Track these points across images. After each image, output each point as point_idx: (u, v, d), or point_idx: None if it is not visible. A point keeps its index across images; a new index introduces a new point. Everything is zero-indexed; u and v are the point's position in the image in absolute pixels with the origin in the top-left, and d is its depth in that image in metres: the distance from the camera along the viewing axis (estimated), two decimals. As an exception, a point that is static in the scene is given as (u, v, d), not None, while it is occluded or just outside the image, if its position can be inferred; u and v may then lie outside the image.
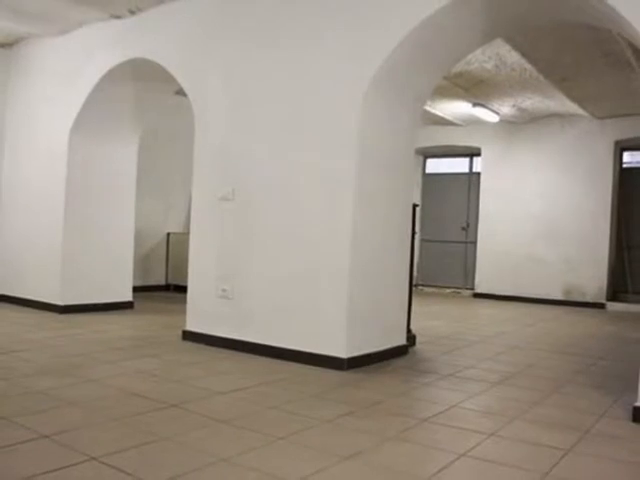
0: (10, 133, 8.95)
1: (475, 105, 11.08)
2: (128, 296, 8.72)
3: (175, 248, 11.33)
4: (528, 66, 8.58)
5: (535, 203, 12.28)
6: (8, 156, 8.95)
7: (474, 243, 13.31)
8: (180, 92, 7.16)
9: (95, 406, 4.09)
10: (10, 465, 3.02)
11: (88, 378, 4.82)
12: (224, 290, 6.28)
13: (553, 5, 5.08)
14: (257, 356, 5.85)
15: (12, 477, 2.86)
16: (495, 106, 11.24)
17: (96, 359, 5.52)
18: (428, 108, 11.36)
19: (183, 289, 7.05)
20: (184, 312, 6.68)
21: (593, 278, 11.63)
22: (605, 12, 4.56)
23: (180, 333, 6.66)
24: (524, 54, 8.05)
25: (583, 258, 11.70)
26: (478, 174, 13.44)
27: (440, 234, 14.12)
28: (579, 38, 7.29)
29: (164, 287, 11.48)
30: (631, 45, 6.80)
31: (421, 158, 14.38)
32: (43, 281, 8.25)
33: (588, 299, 11.62)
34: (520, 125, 12.53)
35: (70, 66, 8.09)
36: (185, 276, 6.83)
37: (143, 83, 7.87)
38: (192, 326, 6.56)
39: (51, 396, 4.28)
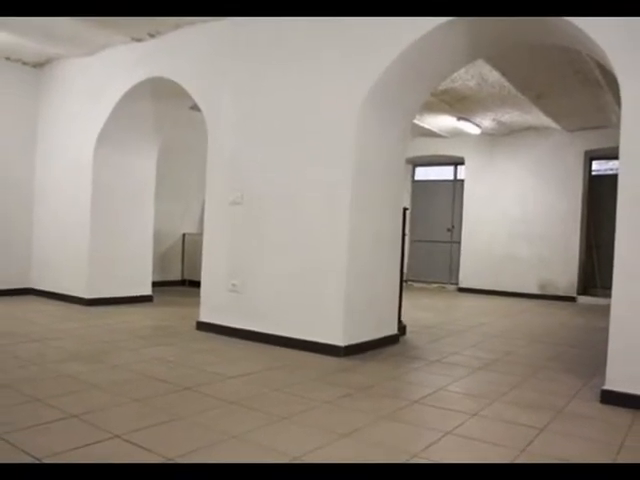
0: (41, 144, 8.95)
1: (459, 119, 11.08)
2: (148, 290, 8.72)
3: (190, 247, 11.32)
4: (507, 84, 8.58)
5: (513, 207, 12.29)
6: (40, 165, 8.95)
7: (458, 243, 13.31)
8: (195, 107, 7.17)
9: (118, 389, 4.10)
10: (43, 441, 3.03)
11: (112, 364, 4.83)
12: (234, 285, 6.28)
13: (528, 29, 5.08)
14: (263, 344, 5.86)
15: (44, 452, 2.87)
16: (477, 120, 11.24)
17: (119, 347, 5.53)
18: (417, 122, 11.37)
19: (197, 284, 7.07)
20: (198, 305, 6.68)
21: (565, 274, 11.64)
22: (575, 35, 4.57)
23: (194, 324, 6.67)
24: (503, 73, 8.05)
25: (556, 256, 11.70)
26: (462, 181, 13.43)
27: (428, 235, 14.11)
28: (552, 59, 7.29)
29: (180, 282, 11.48)
30: (599, 65, 6.81)
31: (411, 166, 14.37)
32: (71, 276, 8.26)
33: (560, 293, 11.62)
34: (500, 137, 12.53)
35: (95, 84, 8.09)
36: (199, 272, 6.83)
37: (161, 100, 7.88)
38: (205, 317, 6.57)
39: (79, 380, 4.30)
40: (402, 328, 6.57)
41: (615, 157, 11.98)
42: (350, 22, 5.52)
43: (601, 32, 4.25)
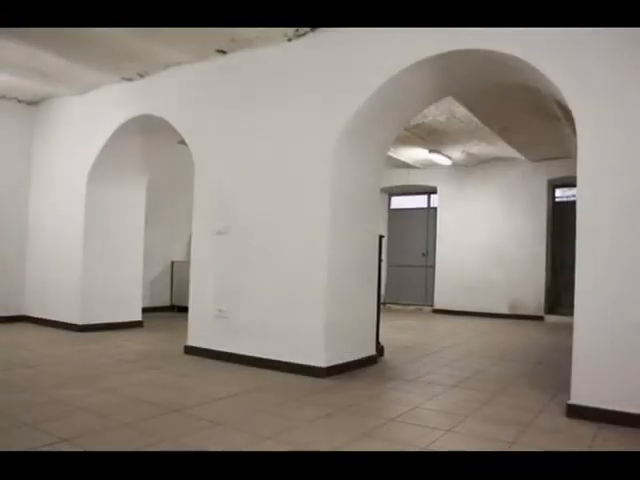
0: (36, 179, 8.90)
1: (431, 151, 11.17)
2: (138, 316, 8.64)
3: (178, 274, 11.27)
4: (474, 119, 8.68)
5: (483, 232, 12.37)
6: (34, 199, 8.91)
7: (433, 267, 13.34)
8: (183, 142, 7.17)
9: (109, 412, 4.05)
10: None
11: (103, 388, 4.78)
12: (220, 310, 6.25)
13: (492, 70, 5.16)
14: (248, 367, 5.82)
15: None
16: (448, 152, 11.34)
17: (110, 371, 5.47)
18: (391, 154, 11.44)
19: (185, 309, 7.02)
20: (186, 329, 6.64)
21: (533, 295, 11.70)
22: (534, 76, 4.65)
23: (183, 348, 6.61)
24: (470, 109, 8.15)
25: (524, 278, 11.77)
26: (435, 209, 13.51)
27: (404, 260, 14.15)
28: (515, 95, 7.38)
29: (169, 308, 11.40)
30: (556, 101, 6.89)
31: (386, 196, 14.44)
32: (64, 304, 8.17)
33: (529, 312, 11.68)
34: (469, 167, 12.64)
35: (87, 121, 8.09)
36: (187, 298, 6.79)
37: (150, 135, 7.89)
38: (193, 341, 6.52)
39: (70, 404, 4.24)
40: (380, 349, 6.55)
41: (576, 185, 12.11)
42: (327, 63, 5.59)
43: (557, 74, 4.34)
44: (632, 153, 4.03)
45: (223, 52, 6.36)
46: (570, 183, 11.55)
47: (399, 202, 14.63)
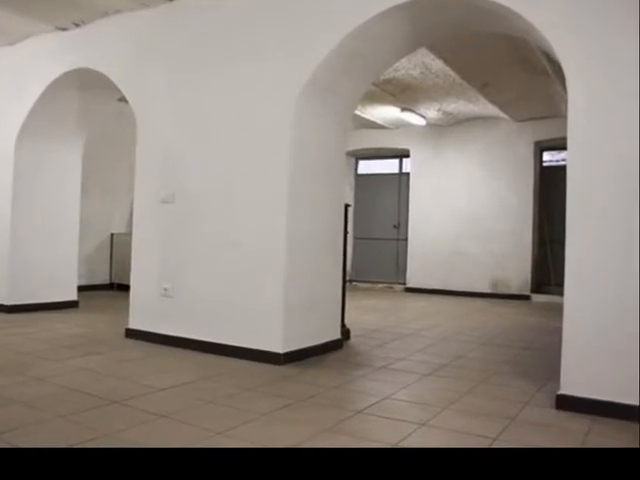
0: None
1: (403, 110, 11.15)
2: (73, 295, 8.57)
3: (119, 248, 11.17)
4: (452, 73, 8.67)
5: (462, 201, 12.42)
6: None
7: (405, 240, 13.37)
8: (123, 99, 7.07)
9: (41, 404, 4.00)
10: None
11: (35, 376, 4.72)
12: (166, 289, 6.20)
13: (472, 18, 5.13)
14: (198, 352, 5.79)
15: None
16: (422, 110, 11.33)
17: (42, 357, 5.41)
18: (359, 112, 11.40)
19: (127, 288, 6.96)
20: (127, 310, 6.58)
21: (518, 271, 11.79)
22: (520, 24, 4.62)
23: (123, 331, 6.57)
24: (447, 62, 8.13)
25: (508, 252, 11.85)
26: (408, 174, 13.51)
27: (373, 232, 14.17)
28: (498, 47, 7.38)
29: (108, 286, 11.32)
30: (545, 53, 6.90)
31: (353, 160, 14.42)
32: (-11, 282, 8.07)
33: (514, 291, 11.77)
34: (446, 127, 12.65)
35: (17, 75, 7.95)
36: (128, 275, 6.73)
37: (87, 91, 7.77)
38: (135, 324, 6.47)
39: (-4, 396, 4.19)
40: (346, 332, 6.57)
41: (566, 147, 12.13)
42: (288, 10, 5.53)
43: (547, 24, 4.31)
44: (628, 112, 4.02)
45: (169, -2, 6.27)
46: (560, 145, 11.63)
47: (367, 166, 14.64)
